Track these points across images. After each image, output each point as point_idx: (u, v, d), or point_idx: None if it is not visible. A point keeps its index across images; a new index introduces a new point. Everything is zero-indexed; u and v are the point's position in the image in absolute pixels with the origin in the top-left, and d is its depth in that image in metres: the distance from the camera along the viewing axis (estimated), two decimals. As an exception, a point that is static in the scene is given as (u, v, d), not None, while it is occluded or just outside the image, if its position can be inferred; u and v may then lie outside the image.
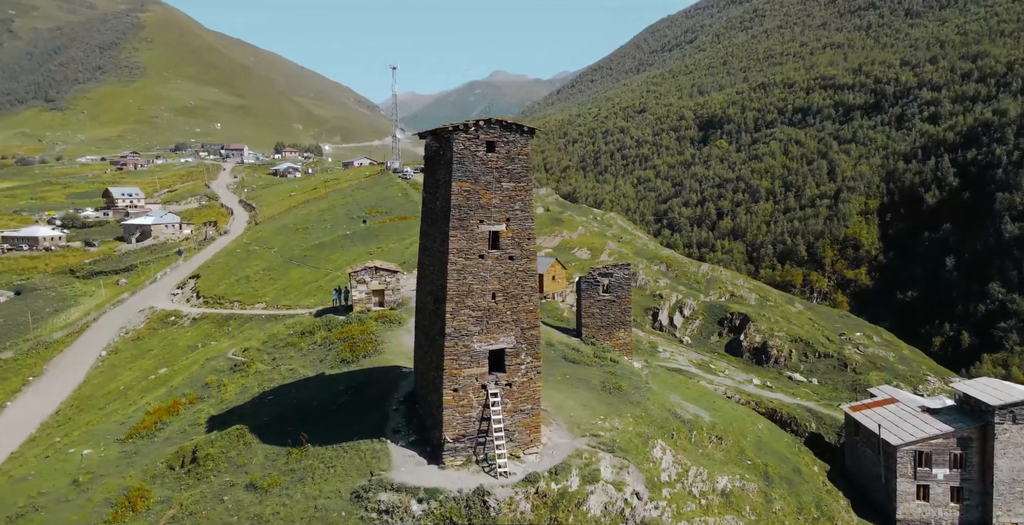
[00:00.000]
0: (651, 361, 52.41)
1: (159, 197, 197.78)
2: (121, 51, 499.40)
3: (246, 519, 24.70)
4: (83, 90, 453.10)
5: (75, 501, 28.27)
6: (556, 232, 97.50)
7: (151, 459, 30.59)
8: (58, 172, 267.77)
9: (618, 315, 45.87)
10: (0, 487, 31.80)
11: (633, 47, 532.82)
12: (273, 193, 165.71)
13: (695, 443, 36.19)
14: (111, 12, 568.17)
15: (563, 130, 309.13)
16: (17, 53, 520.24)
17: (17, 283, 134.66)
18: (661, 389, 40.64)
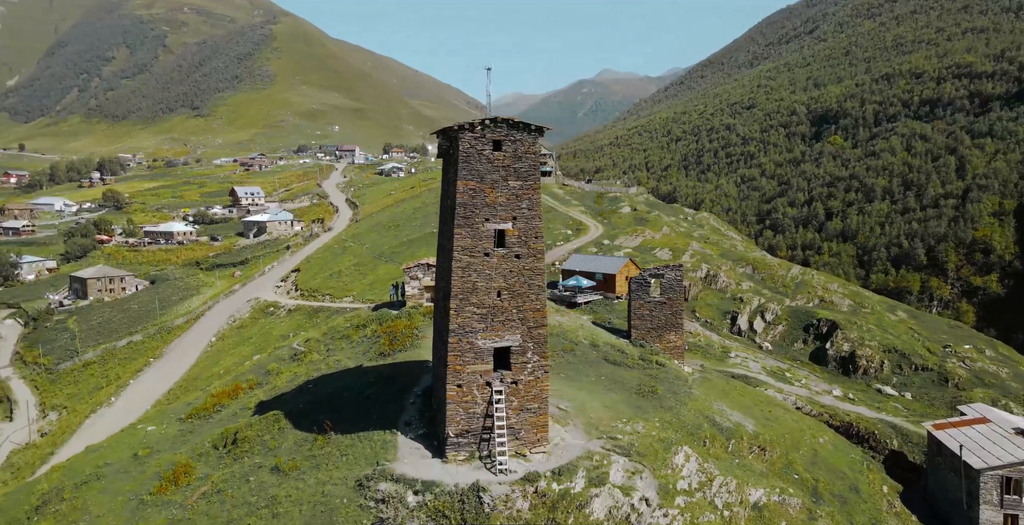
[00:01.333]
0: (708, 366, 50.59)
1: (277, 196, 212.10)
2: (255, 61, 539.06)
3: (263, 499, 26.41)
4: (222, 98, 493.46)
5: (131, 472, 31.33)
6: (638, 232, 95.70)
7: (201, 438, 33.31)
8: (196, 173, 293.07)
9: (669, 317, 44.63)
10: (78, 456, 35.72)
11: (748, 40, 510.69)
12: (375, 192, 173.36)
13: (732, 452, 34.70)
14: (248, 25, 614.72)
15: (667, 128, 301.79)
16: (169, 66, 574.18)
17: (153, 273, 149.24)
18: (706, 395, 39.20)
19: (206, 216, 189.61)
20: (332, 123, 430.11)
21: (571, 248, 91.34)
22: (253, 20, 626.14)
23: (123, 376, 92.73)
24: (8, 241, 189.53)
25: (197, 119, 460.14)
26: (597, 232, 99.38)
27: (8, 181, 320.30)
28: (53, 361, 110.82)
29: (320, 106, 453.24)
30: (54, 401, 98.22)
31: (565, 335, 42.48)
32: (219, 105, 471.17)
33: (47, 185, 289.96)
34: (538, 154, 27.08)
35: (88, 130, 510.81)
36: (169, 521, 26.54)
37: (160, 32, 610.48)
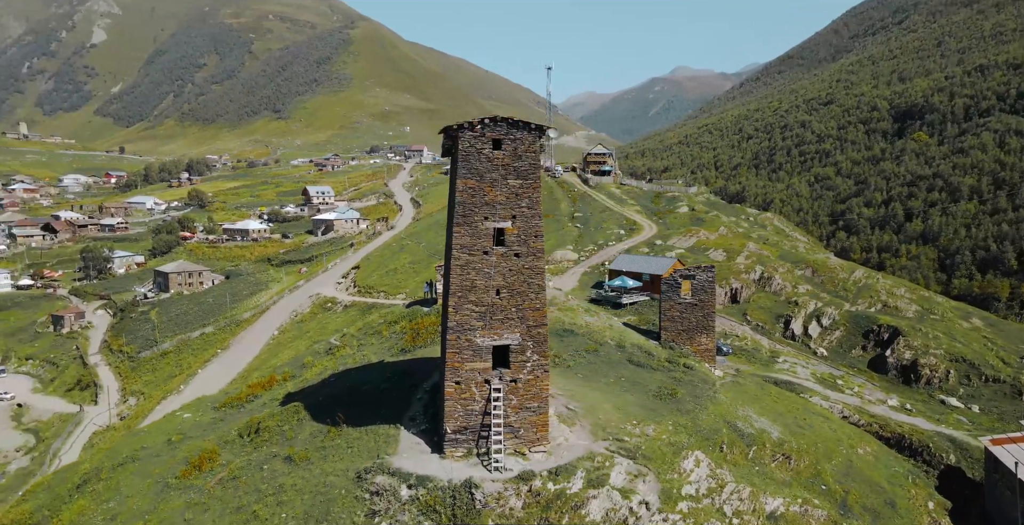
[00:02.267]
0: (746, 370, 49.06)
1: (347, 195, 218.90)
2: (333, 65, 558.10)
3: (272, 487, 27.52)
4: (301, 101, 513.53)
5: (163, 457, 33.28)
6: (693, 232, 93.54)
7: (229, 426, 34.98)
8: (274, 173, 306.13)
9: (700, 320, 43.57)
10: (120, 439, 38.17)
11: (830, 33, 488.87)
12: (438, 191, 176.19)
13: (752, 459, 33.61)
14: (327, 30, 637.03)
15: (738, 126, 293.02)
16: (255, 71, 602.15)
17: (228, 269, 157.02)
18: (732, 400, 38.08)
19: (279, 214, 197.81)
20: (404, 124, 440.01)
21: (622, 248, 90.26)
22: (332, 25, 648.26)
23: (193, 366, 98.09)
24: (104, 237, 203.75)
25: (278, 121, 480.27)
26: (651, 232, 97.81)
27: (109, 181, 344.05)
28: (135, 350, 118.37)
29: (393, 107, 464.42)
30: (133, 387, 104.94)
31: (591, 335, 42.16)
32: (299, 108, 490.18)
33: (141, 185, 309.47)
34: (538, 153, 27.07)
35: (181, 133, 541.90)
36: (186, 504, 28.07)
37: (247, 39, 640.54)
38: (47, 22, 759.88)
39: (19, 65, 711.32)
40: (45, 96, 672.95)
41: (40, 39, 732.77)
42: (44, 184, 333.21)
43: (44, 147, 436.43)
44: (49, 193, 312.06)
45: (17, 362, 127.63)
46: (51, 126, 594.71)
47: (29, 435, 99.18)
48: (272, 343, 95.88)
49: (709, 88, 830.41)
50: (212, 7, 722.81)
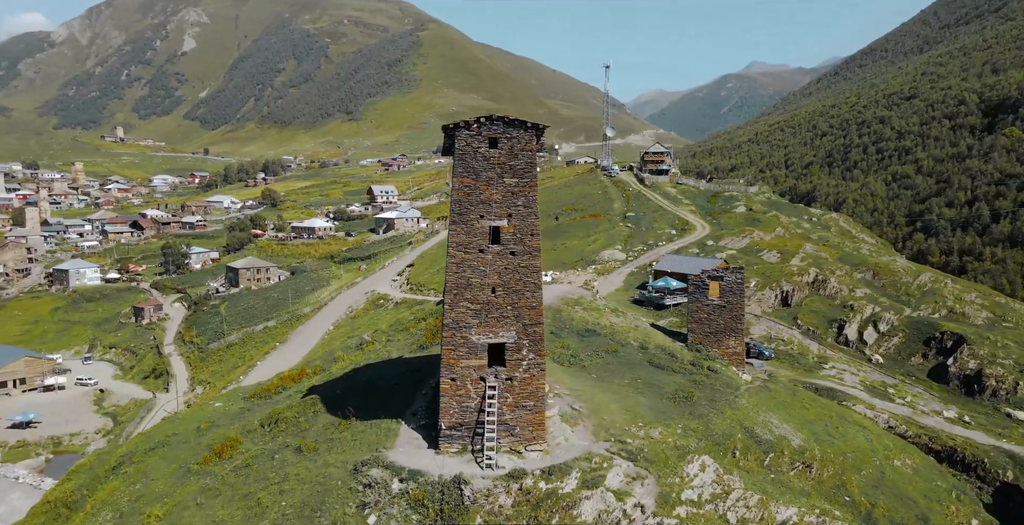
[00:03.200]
0: (782, 375, 47.38)
1: (409, 194, 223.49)
2: (403, 67, 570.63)
3: (278, 476, 28.55)
4: (372, 102, 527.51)
5: (190, 443, 35.08)
6: (747, 233, 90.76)
7: (253, 416, 36.47)
8: (343, 173, 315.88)
9: (728, 322, 42.37)
10: (157, 426, 40.44)
11: (918, 23, 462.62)
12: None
13: (767, 467, 32.51)
14: (398, 33, 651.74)
15: (811, 123, 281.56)
16: (329, 74, 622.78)
17: (294, 265, 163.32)
18: (755, 405, 36.87)
19: (344, 213, 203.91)
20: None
21: (672, 248, 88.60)
22: (403, 28, 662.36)
23: (253, 358, 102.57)
24: (184, 234, 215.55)
25: (350, 123, 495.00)
26: (703, 232, 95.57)
27: (193, 181, 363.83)
28: (204, 341, 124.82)
29: (460, 108, 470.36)
30: (201, 377, 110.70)
31: (614, 336, 41.69)
32: (369, 109, 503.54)
33: (221, 185, 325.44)
34: (535, 151, 27.04)
35: (261, 135, 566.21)
36: (201, 489, 29.50)
37: (323, 43, 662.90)
38: (144, 32, 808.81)
39: (119, 73, 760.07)
40: (140, 101, 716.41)
41: (137, 48, 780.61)
42: (136, 184, 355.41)
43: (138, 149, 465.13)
44: (140, 193, 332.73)
45: (102, 350, 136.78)
46: (145, 130, 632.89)
47: (108, 419, 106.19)
48: (326, 337, 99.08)
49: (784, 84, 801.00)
50: (292, 13, 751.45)
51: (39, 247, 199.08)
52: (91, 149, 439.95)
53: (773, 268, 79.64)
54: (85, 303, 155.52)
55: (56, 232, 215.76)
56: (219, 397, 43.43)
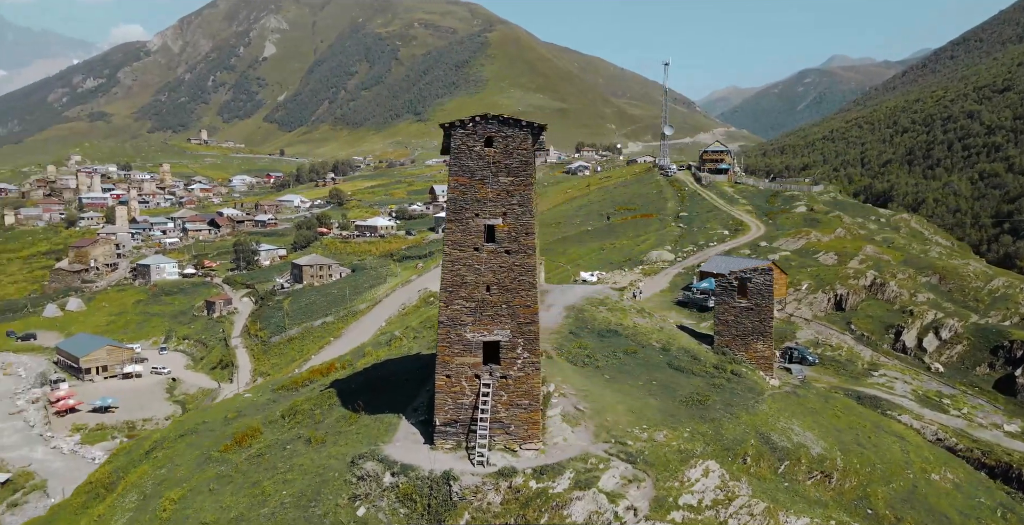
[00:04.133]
0: (822, 382, 45.52)
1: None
2: (470, 68, 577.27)
3: (286, 466, 29.52)
4: (440, 103, 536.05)
5: (216, 431, 36.78)
6: (803, 234, 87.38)
7: (277, 407, 37.89)
8: (408, 173, 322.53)
9: (756, 325, 41.00)
10: (192, 413, 42.54)
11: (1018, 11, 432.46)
12: (554, 190, 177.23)
13: (781, 475, 31.33)
14: (467, 35, 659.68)
15: (892, 119, 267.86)
16: (399, 76, 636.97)
17: (355, 263, 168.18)
18: (777, 411, 35.55)
19: (406, 212, 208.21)
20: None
21: (723, 249, 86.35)
22: (472, 30, 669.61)
23: (309, 351, 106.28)
24: (256, 232, 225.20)
25: (418, 123, 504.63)
26: (757, 233, 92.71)
27: (268, 181, 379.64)
28: (267, 335, 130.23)
29: (526, 108, 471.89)
30: (262, 369, 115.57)
31: (635, 337, 41.06)
32: (437, 110, 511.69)
33: (293, 185, 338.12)
34: (530, 150, 27.01)
35: (333, 136, 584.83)
36: (216, 475, 30.92)
37: (394, 47, 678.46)
38: (229, 39, 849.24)
39: (206, 78, 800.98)
40: (224, 105, 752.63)
41: (223, 55, 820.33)
42: (217, 184, 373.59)
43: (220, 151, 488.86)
44: (220, 192, 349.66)
45: (176, 341, 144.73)
46: (228, 132, 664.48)
47: (177, 406, 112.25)
48: (377, 333, 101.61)
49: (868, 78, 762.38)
50: (365, 18, 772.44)
51: (127, 243, 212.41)
52: (178, 151, 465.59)
53: (828, 271, 76.49)
54: (164, 296, 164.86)
55: (142, 229, 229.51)
56: (251, 388, 45.31)
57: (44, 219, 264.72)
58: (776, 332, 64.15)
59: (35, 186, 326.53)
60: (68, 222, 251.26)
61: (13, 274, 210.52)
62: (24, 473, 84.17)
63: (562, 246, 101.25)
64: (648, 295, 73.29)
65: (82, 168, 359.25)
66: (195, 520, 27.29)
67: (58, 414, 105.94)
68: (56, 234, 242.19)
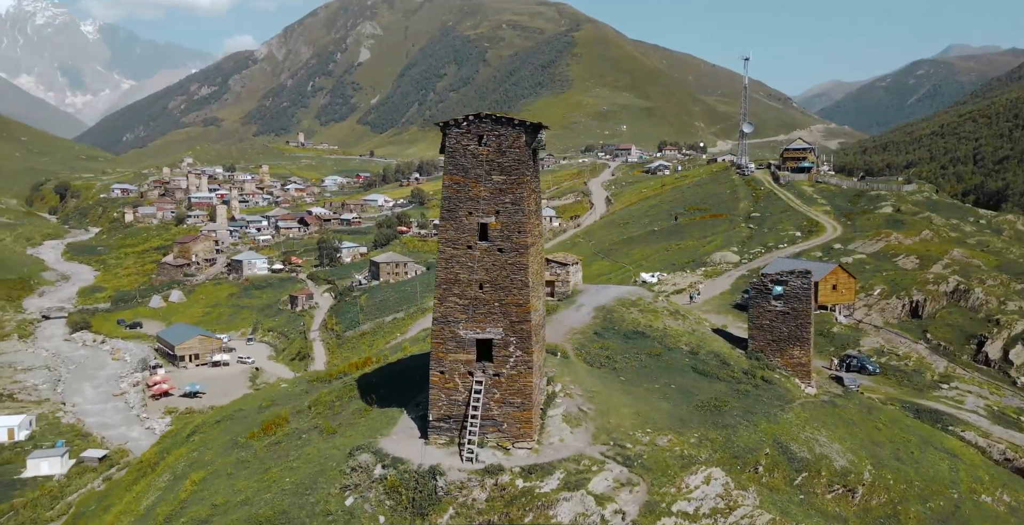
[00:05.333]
0: (875, 392, 42.82)
1: (547, 193, 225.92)
2: (556, 68, 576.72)
3: (296, 455, 30.69)
4: (525, 104, 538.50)
5: (249, 419, 38.76)
6: (883, 236, 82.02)
7: (306, 398, 39.54)
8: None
9: (793, 330, 39.07)
10: (235, 401, 44.96)
11: None
12: (631, 190, 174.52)
13: (797, 487, 29.82)
14: (553, 35, 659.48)
15: (1013, 111, 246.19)
16: (486, 78, 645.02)
17: (430, 261, 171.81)
18: (804, 421, 33.76)
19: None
20: (621, 123, 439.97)
21: (793, 251, 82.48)
22: (559, 29, 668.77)
23: (377, 346, 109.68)
24: (341, 230, 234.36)
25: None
26: (832, 234, 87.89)
27: (357, 182, 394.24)
28: (343, 329, 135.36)
29: (611, 107, 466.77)
30: (334, 361, 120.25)
31: (663, 339, 40.03)
32: (522, 110, 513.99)
33: (379, 184, 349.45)
34: (524, 149, 26.91)
35: (422, 137, 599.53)
36: (237, 460, 32.66)
37: (482, 48, 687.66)
38: (327, 46, 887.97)
39: (305, 84, 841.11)
40: (322, 109, 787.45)
41: (321, 61, 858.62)
42: (310, 184, 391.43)
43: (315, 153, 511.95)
44: (313, 192, 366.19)
45: (261, 333, 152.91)
46: (325, 135, 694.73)
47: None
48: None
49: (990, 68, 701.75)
50: (455, 21, 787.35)
51: (225, 240, 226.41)
52: (276, 153, 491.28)
53: (905, 275, 71.59)
54: (253, 290, 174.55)
55: (240, 227, 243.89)
56: (291, 379, 47.49)
57: (158, 217, 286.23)
58: (838, 339, 60.79)
59: (152, 187, 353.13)
60: (177, 220, 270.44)
61: (128, 267, 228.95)
62: (120, 450, 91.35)
63: (626, 247, 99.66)
64: (707, 297, 71.05)
65: (192, 170, 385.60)
66: (208, 502, 28.99)
67: (154, 397, 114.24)
68: (167, 231, 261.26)
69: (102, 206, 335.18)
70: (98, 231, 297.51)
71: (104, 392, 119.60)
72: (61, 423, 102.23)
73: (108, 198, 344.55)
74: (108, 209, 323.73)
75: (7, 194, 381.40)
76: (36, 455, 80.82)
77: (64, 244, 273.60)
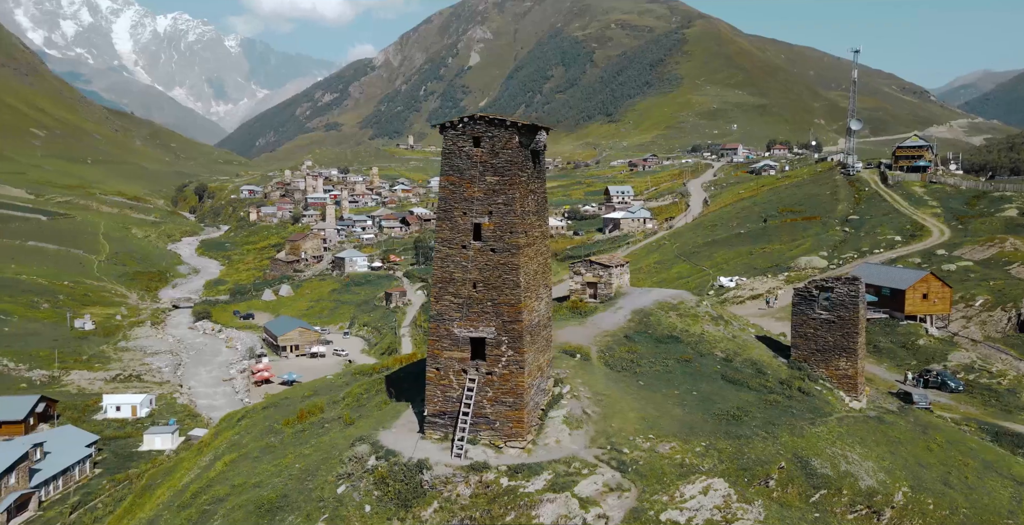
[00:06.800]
0: (907, 407, 39.16)
1: (645, 194, 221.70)
2: (665, 66, 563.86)
3: (312, 443, 32.41)
4: (631, 104, 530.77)
5: (292, 406, 40.93)
6: (997, 241, 74.34)
7: (345, 389, 41.41)
8: (590, 173, 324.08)
9: (839, 340, 36.48)
10: (287, 390, 47.68)
11: None
12: (729, 191, 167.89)
13: (813, 504, 27.99)
14: (663, 32, 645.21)
15: None
16: (593, 78, 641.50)
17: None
18: (837, 436, 31.51)
19: (578, 212, 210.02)
20: (731, 121, 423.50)
21: (888, 257, 76.64)
22: (669, 27, 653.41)
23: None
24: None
25: (609, 125, 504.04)
26: (937, 239, 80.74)
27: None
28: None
29: (721, 105, 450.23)
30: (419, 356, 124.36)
31: (697, 345, 38.57)
32: (628, 111, 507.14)
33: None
34: (516, 150, 26.92)
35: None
36: (266, 445, 34.74)
37: (589, 49, 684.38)
38: (440, 52, 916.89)
39: (418, 89, 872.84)
40: (433, 113, 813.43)
41: (433, 66, 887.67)
42: (416, 185, 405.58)
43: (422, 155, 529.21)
44: (418, 193, 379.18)
45: (358, 327, 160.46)
46: (435, 137, 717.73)
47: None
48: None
49: None
50: (563, 23, 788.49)
51: (332, 238, 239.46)
52: (387, 155, 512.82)
53: (1016, 285, 64.73)
54: (353, 287, 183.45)
55: (347, 226, 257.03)
56: (340, 373, 49.75)
57: (277, 216, 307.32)
58: (923, 352, 56.14)
59: (274, 188, 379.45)
60: (294, 219, 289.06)
61: (248, 263, 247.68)
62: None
63: (709, 250, 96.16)
64: (784, 303, 67.48)
65: (310, 172, 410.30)
66: (229, 482, 31.14)
67: (256, 384, 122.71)
68: (284, 229, 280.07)
69: (232, 206, 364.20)
70: (227, 229, 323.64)
71: (216, 377, 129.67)
72: (176, 403, 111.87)
73: (237, 199, 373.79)
74: (237, 208, 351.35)
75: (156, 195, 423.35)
76: (152, 431, 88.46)
77: (198, 241, 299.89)
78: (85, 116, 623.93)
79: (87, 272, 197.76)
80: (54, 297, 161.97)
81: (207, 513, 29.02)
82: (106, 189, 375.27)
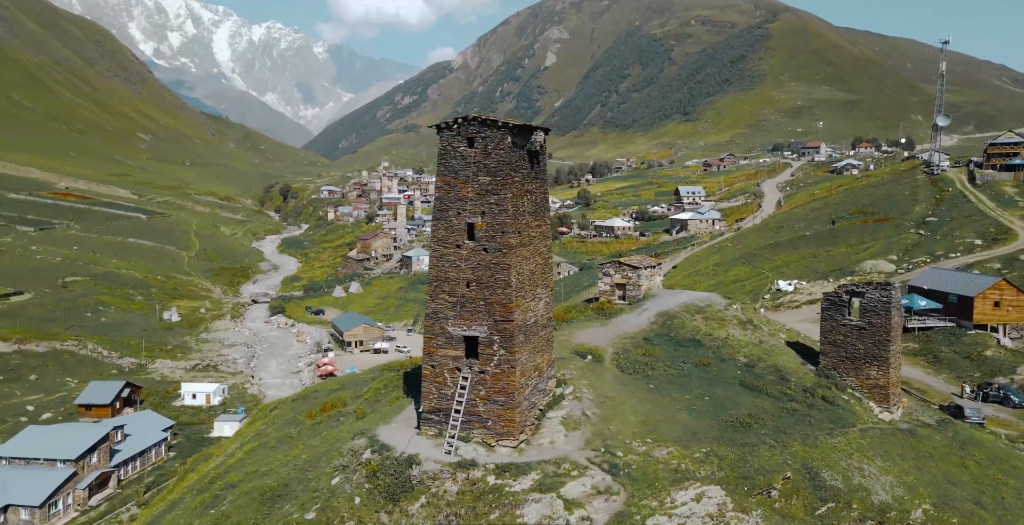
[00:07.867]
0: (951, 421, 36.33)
1: (717, 195, 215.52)
2: (747, 62, 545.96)
3: (324, 436, 33.37)
4: (710, 102, 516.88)
5: (318, 400, 42.16)
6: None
7: (368, 385, 42.46)
8: (663, 174, 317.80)
9: (870, 347, 34.45)
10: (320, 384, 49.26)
11: None
12: (804, 191, 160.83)
13: (819, 517, 26.70)
14: (746, 28, 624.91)
15: None
16: (671, 76, 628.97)
17: (585, 261, 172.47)
18: (857, 448, 29.85)
19: (647, 213, 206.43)
20: (817, 119, 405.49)
21: (965, 261, 71.59)
22: (752, 22, 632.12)
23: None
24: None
25: (685, 124, 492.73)
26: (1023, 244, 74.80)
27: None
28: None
29: (806, 102, 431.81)
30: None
31: (719, 349, 37.30)
32: (707, 109, 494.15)
33: (551, 186, 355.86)
34: (509, 151, 26.86)
35: (603, 139, 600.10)
36: (285, 436, 36.12)
37: (668, 47, 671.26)
38: (516, 53, 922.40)
39: (495, 90, 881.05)
40: (508, 113, 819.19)
41: (510, 68, 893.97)
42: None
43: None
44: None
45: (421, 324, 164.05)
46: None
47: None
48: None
49: None
50: (641, 21, 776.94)
51: (402, 237, 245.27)
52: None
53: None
54: (419, 285, 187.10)
55: (417, 225, 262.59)
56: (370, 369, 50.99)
57: (353, 216, 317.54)
58: (989, 363, 52.53)
59: (352, 188, 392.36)
60: (368, 218, 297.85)
61: (323, 261, 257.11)
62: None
63: (770, 252, 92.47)
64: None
65: (385, 173, 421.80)
66: (244, 470, 32.57)
67: (321, 377, 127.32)
68: (359, 228, 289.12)
69: (312, 205, 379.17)
70: (307, 227, 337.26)
71: (285, 369, 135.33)
72: (247, 393, 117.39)
73: (318, 198, 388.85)
74: (317, 208, 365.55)
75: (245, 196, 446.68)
76: (221, 418, 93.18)
77: (280, 239, 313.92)
78: (185, 121, 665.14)
79: (178, 267, 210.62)
80: (147, 290, 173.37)
81: (219, 498, 30.47)
82: (200, 189, 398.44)
